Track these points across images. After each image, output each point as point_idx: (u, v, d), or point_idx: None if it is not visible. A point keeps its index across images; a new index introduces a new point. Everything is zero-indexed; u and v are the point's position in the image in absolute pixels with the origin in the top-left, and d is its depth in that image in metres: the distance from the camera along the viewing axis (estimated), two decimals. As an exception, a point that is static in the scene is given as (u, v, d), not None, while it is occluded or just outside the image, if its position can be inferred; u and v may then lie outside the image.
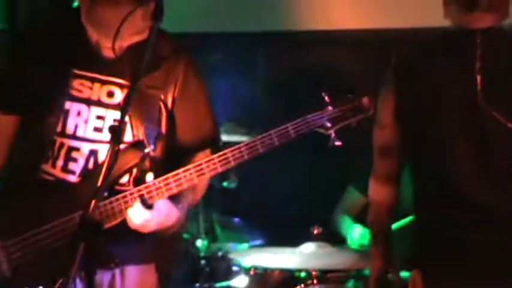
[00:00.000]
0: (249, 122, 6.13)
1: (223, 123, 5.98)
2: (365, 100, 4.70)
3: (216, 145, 4.92)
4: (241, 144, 4.60)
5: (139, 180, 4.62)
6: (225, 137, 5.66)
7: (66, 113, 4.61)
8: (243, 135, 5.99)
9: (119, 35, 4.38)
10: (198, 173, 4.54)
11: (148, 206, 4.47)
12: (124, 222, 4.51)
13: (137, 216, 4.47)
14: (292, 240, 6.20)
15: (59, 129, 4.60)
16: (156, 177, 4.57)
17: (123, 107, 4.10)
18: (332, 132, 4.65)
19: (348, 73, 6.70)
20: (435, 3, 4.86)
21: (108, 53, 4.58)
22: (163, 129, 4.74)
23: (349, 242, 6.75)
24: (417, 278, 4.88)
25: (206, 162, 4.55)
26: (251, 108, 6.40)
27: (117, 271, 4.70)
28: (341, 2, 7.87)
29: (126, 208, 4.48)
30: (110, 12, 4.43)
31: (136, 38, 4.51)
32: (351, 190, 6.77)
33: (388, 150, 5.05)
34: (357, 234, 6.76)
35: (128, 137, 4.51)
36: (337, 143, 4.67)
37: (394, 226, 5.54)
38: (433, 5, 5.84)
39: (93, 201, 3.76)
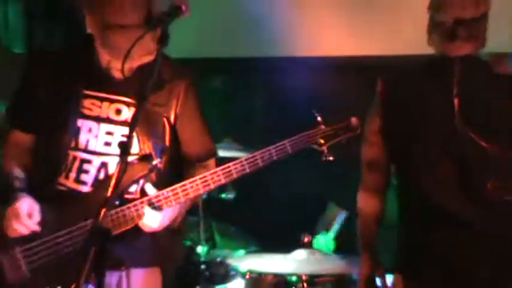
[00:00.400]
0: (244, 138, 6.14)
1: (221, 139, 6.07)
2: (354, 120, 4.77)
3: (216, 156, 4.99)
4: (243, 159, 4.66)
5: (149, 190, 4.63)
6: (222, 153, 5.63)
7: (78, 129, 4.65)
8: (238, 150, 5.99)
9: (129, 57, 4.39)
10: (203, 184, 4.60)
11: (159, 209, 4.54)
12: (132, 228, 4.58)
13: (153, 221, 4.57)
14: (284, 247, 6.20)
15: (72, 144, 4.64)
16: (160, 186, 4.63)
17: (131, 124, 4.06)
18: (325, 149, 4.70)
19: (336, 95, 6.70)
20: (419, 33, 4.92)
21: (117, 74, 4.63)
22: (167, 142, 4.80)
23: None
24: (399, 283, 4.98)
25: (211, 174, 4.62)
26: (246, 127, 6.41)
27: (124, 273, 4.73)
28: (330, 31, 7.84)
29: (137, 216, 4.54)
30: (121, 36, 4.44)
31: (145, 59, 4.53)
32: (331, 206, 6.81)
33: (375, 165, 5.10)
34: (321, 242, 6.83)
35: (135, 150, 4.52)
36: (330, 158, 4.71)
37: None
38: (417, 34, 5.92)
39: (103, 210, 3.82)
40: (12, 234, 4.54)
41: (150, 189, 4.64)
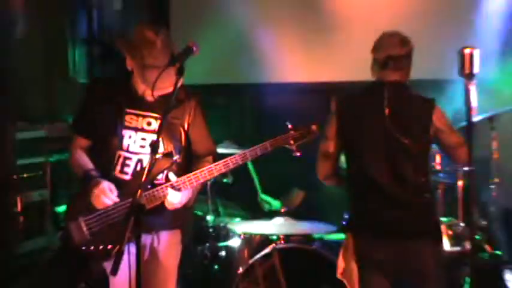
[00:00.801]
0: (238, 140, 6.25)
1: (223, 141, 6.22)
2: (314, 127, 4.90)
3: (214, 154, 5.09)
4: (237, 155, 4.81)
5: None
6: (223, 150, 5.84)
7: (122, 136, 4.80)
8: (234, 149, 6.02)
9: (157, 88, 4.55)
10: (209, 172, 4.75)
11: (178, 191, 4.70)
12: (160, 204, 4.72)
13: (174, 199, 4.71)
14: (267, 216, 6.41)
15: (118, 146, 4.80)
16: (178, 174, 4.76)
17: (158, 131, 4.34)
18: (294, 147, 4.88)
19: (301, 110, 6.74)
20: (362, 63, 4.96)
21: (149, 98, 4.76)
22: (183, 144, 4.92)
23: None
24: (350, 239, 5.04)
25: (215, 165, 4.76)
26: (240, 132, 6.50)
27: (155, 236, 4.88)
28: (300, 63, 7.76)
29: (163, 195, 4.68)
30: (154, 74, 4.61)
31: (168, 90, 4.51)
32: (295, 190, 6.89)
33: (327, 155, 5.24)
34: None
35: (161, 149, 4.61)
36: (298, 154, 4.89)
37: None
38: (360, 64, 5.96)
39: (140, 191, 4.09)
40: (100, 206, 4.70)
41: (172, 176, 4.73)
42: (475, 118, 4.51)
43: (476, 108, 4.25)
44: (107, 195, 4.67)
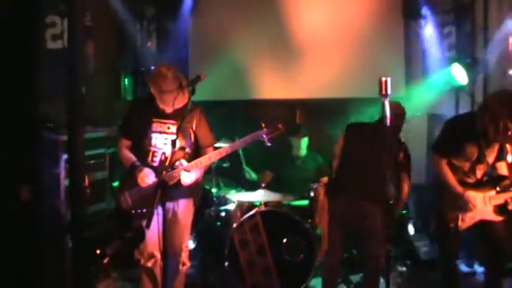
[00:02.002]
0: (230, 138, 6.17)
1: (222, 138, 6.16)
2: (281, 125, 4.87)
3: (213, 145, 5.08)
4: (227, 146, 4.86)
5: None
6: (222, 144, 5.78)
7: (151, 137, 4.85)
8: (229, 143, 6.04)
9: (173, 105, 4.67)
10: (209, 159, 4.79)
11: (189, 172, 4.72)
12: (178, 181, 4.75)
13: (187, 178, 4.74)
14: (253, 188, 6.34)
15: (149, 144, 4.85)
16: (189, 161, 4.79)
17: (176, 133, 4.47)
18: (266, 140, 4.85)
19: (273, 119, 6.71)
20: (324, 82, 4.91)
21: (168, 111, 4.83)
22: (193, 140, 4.94)
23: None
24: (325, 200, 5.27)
25: (213, 153, 4.80)
26: (231, 132, 6.43)
27: (175, 202, 4.92)
28: (276, 83, 7.75)
29: (179, 175, 4.72)
30: (168, 96, 4.68)
31: (181, 105, 4.75)
32: (266, 171, 6.83)
33: (337, 155, 5.38)
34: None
35: (178, 145, 4.58)
36: (269, 144, 4.85)
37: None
38: (321, 82, 5.90)
39: (164, 173, 4.13)
40: (143, 184, 4.78)
41: (184, 162, 4.77)
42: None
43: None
44: (148, 177, 4.76)
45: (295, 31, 7.69)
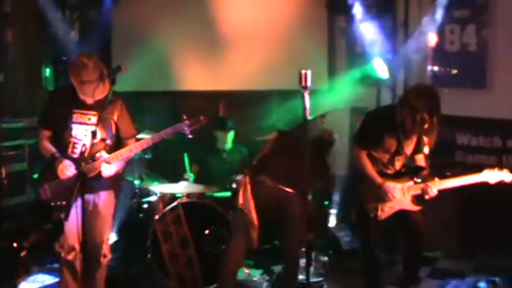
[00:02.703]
0: (155, 129, 6.16)
1: (144, 130, 6.13)
2: (202, 117, 4.85)
3: (135, 137, 5.01)
4: (149, 138, 4.83)
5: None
6: (144, 135, 5.76)
7: (71, 128, 4.76)
8: (147, 134, 6.00)
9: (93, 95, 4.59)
10: (130, 151, 4.76)
11: (109, 164, 4.67)
12: (99, 173, 4.71)
13: (107, 170, 4.69)
14: (176, 180, 6.31)
15: (70, 135, 4.76)
16: (109, 153, 4.74)
17: (96, 124, 4.41)
18: (188, 132, 4.83)
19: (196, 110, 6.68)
20: (248, 74, 4.88)
21: (89, 102, 4.74)
22: (114, 132, 4.86)
23: None
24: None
25: (134, 145, 4.78)
26: (155, 123, 6.38)
27: (96, 195, 4.86)
28: (200, 75, 7.66)
29: (99, 167, 4.68)
30: (88, 87, 4.61)
31: (102, 96, 4.66)
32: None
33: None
34: None
35: (99, 136, 4.62)
36: (190, 136, 4.83)
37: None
38: (244, 74, 5.86)
39: (84, 164, 4.07)
40: (64, 177, 4.69)
41: (105, 154, 4.72)
42: (310, 115, 4.51)
43: (309, 108, 4.26)
44: (68, 169, 4.68)
45: (220, 22, 7.65)
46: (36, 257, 5.93)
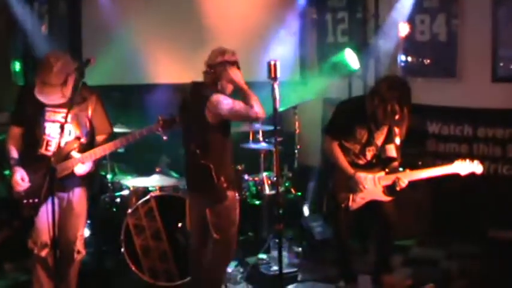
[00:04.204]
0: (129, 123, 6.18)
1: (117, 123, 6.08)
2: (177, 118, 4.82)
3: (111, 134, 4.96)
4: (123, 138, 4.81)
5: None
6: (118, 129, 5.79)
7: (44, 127, 4.70)
8: (125, 128, 6.01)
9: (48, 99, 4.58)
10: (104, 150, 4.76)
11: (82, 163, 4.66)
12: (72, 171, 4.70)
13: (79, 169, 4.68)
14: (147, 173, 6.29)
15: (43, 133, 4.70)
16: (84, 151, 4.71)
17: (65, 119, 4.38)
18: (162, 133, 4.82)
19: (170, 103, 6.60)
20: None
21: (45, 101, 4.65)
22: (89, 129, 4.82)
23: None
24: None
25: (108, 145, 4.77)
26: (127, 117, 6.36)
27: (70, 192, 4.81)
28: (173, 68, 7.53)
29: (72, 166, 4.67)
30: (48, 89, 4.58)
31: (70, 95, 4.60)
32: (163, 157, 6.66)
33: None
34: None
35: (73, 134, 4.64)
36: (165, 138, 4.83)
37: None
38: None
39: (53, 159, 4.03)
40: (17, 190, 4.66)
41: (76, 154, 4.70)
42: (281, 107, 4.55)
43: (280, 99, 4.27)
44: (19, 184, 4.64)
45: (191, 14, 7.64)
46: (7, 254, 5.88)
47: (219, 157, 4.63)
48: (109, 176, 6.34)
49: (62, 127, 4.36)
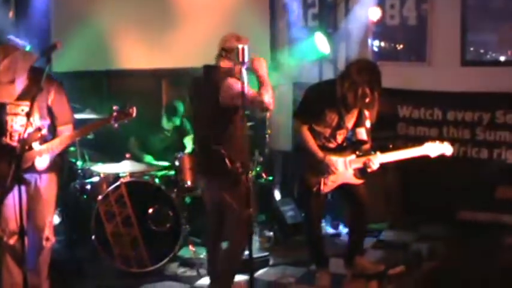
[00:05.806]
0: (95, 110, 6.11)
1: (85, 110, 6.03)
2: (131, 110, 4.69)
3: (73, 124, 4.85)
4: (77, 131, 4.80)
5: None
6: (86, 116, 5.78)
7: (6, 120, 4.62)
8: (93, 115, 6.00)
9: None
10: (60, 144, 4.67)
11: (42, 156, 4.59)
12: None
13: (39, 162, 4.60)
14: (117, 160, 6.21)
15: (6, 125, 4.62)
16: (43, 143, 4.63)
17: (28, 113, 4.29)
18: (115, 125, 4.70)
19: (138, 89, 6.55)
20: (190, 51, 4.72)
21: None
22: (49, 120, 4.72)
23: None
24: None
25: (65, 138, 4.69)
26: (94, 103, 6.29)
27: (38, 176, 4.71)
28: (142, 53, 7.42)
29: (34, 157, 4.59)
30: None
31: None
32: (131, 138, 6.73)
33: None
34: None
35: (34, 125, 4.55)
36: (116, 126, 4.69)
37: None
38: (186, 52, 5.72)
39: (22, 153, 3.97)
40: None
41: (36, 146, 4.60)
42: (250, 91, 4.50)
43: (249, 83, 4.24)
44: None
45: (161, -1, 7.58)
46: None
47: (232, 142, 4.59)
48: (79, 163, 6.26)
49: (28, 114, 4.27)
